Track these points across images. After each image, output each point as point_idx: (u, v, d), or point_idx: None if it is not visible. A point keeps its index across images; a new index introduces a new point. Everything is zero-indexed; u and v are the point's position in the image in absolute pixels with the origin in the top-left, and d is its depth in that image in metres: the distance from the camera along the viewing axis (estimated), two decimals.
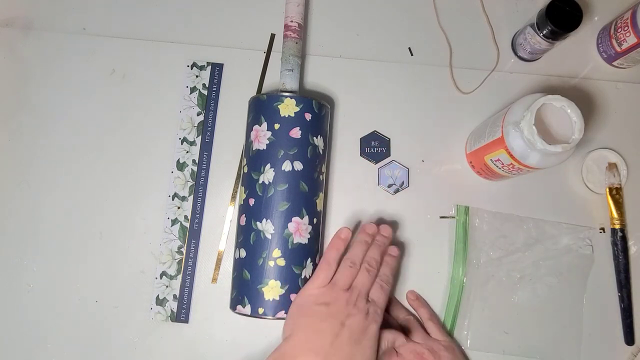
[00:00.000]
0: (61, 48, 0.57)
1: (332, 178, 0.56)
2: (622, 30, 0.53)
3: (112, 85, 0.57)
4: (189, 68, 0.57)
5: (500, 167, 0.49)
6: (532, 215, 0.55)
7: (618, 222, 0.54)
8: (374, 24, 0.59)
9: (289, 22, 0.53)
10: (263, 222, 0.46)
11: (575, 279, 0.54)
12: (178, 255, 0.54)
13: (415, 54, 0.59)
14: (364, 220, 0.55)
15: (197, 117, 0.56)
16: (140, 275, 0.53)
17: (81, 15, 0.58)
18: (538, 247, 0.54)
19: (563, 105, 0.43)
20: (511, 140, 0.45)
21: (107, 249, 0.54)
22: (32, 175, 0.55)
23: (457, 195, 0.55)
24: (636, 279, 0.54)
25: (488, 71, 0.58)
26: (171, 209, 0.54)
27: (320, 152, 0.49)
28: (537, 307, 0.53)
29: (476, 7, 0.59)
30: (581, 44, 0.59)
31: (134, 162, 0.55)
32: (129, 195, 0.55)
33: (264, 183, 0.47)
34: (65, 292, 0.52)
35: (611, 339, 0.53)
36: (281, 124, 0.47)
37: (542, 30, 0.52)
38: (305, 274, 0.47)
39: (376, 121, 0.57)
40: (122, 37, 0.58)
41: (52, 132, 0.56)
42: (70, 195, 0.55)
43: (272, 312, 0.45)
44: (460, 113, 0.57)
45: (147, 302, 0.53)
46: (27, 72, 0.57)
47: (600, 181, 0.55)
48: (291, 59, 0.52)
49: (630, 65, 0.57)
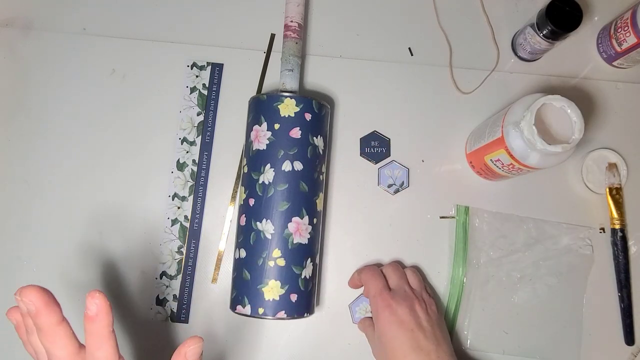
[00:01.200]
0: (61, 48, 0.57)
1: (332, 178, 0.56)
2: (622, 30, 0.53)
3: (112, 85, 0.57)
4: (189, 68, 0.57)
5: (500, 167, 0.49)
6: (532, 215, 0.55)
7: (618, 222, 0.54)
8: (374, 24, 0.59)
9: (289, 22, 0.53)
10: (263, 222, 0.46)
11: (575, 279, 0.54)
12: (178, 255, 0.54)
13: (415, 54, 0.59)
14: (365, 220, 0.55)
15: (197, 117, 0.56)
16: (140, 275, 0.53)
17: (81, 15, 0.58)
18: (538, 247, 0.54)
19: (563, 105, 0.43)
20: (511, 140, 0.45)
21: (107, 249, 0.54)
22: (32, 175, 0.55)
23: (457, 195, 0.55)
24: (636, 279, 0.54)
25: (488, 71, 0.58)
26: (171, 209, 0.54)
27: (320, 152, 0.49)
28: (537, 307, 0.53)
29: (476, 7, 0.59)
30: (581, 44, 0.59)
31: (134, 162, 0.55)
32: (129, 195, 0.55)
33: (264, 183, 0.47)
34: (65, 292, 0.52)
35: (611, 339, 0.53)
36: (281, 124, 0.47)
37: (542, 30, 0.52)
38: (305, 274, 0.47)
39: (376, 121, 0.57)
40: (122, 37, 0.58)
41: (52, 132, 0.56)
42: (70, 195, 0.55)
43: (272, 312, 0.45)
44: (460, 113, 0.57)
45: (147, 302, 0.53)
46: (27, 72, 0.57)
47: (600, 181, 0.55)
48: (291, 59, 0.52)
49: (630, 65, 0.57)
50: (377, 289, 0.48)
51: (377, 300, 0.47)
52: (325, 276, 0.54)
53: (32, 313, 0.32)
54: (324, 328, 0.53)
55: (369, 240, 0.54)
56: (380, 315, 0.46)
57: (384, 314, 0.46)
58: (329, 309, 0.53)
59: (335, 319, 0.53)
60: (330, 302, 0.54)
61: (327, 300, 0.54)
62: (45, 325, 0.32)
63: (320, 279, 0.53)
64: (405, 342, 0.45)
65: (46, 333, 0.32)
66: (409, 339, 0.45)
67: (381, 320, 0.46)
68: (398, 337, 0.45)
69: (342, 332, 0.53)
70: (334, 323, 0.53)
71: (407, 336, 0.45)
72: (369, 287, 0.49)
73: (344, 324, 0.53)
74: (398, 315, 0.46)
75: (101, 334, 0.32)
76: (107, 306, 0.32)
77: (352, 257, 0.54)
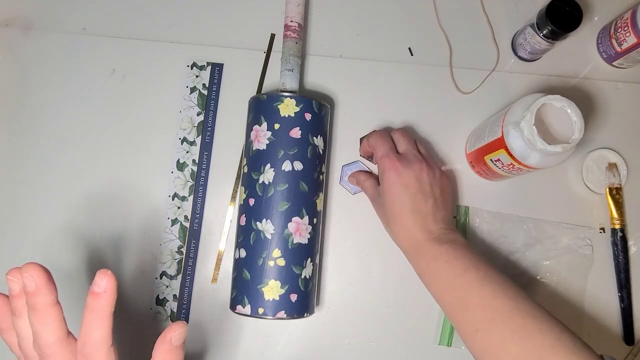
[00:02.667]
0: (61, 48, 0.57)
1: (332, 178, 0.56)
2: (622, 30, 0.53)
3: (112, 85, 0.57)
4: (189, 68, 0.57)
5: (500, 167, 0.49)
6: (532, 215, 0.55)
7: (618, 222, 0.54)
8: (374, 24, 0.59)
9: (289, 22, 0.53)
10: (263, 222, 0.46)
11: (575, 279, 0.54)
12: (178, 255, 0.54)
13: (415, 54, 0.59)
14: (365, 220, 0.55)
15: (197, 117, 0.56)
16: (140, 275, 0.53)
17: (81, 15, 0.58)
18: (538, 247, 0.54)
19: (563, 105, 0.43)
20: (511, 140, 0.45)
21: (107, 249, 0.54)
22: (32, 175, 0.55)
23: (457, 195, 0.55)
24: (636, 279, 0.54)
25: (488, 71, 0.58)
26: (171, 209, 0.54)
27: (320, 152, 0.49)
28: None
29: (476, 7, 0.59)
30: (581, 44, 0.59)
31: (133, 161, 0.55)
32: (129, 194, 0.55)
33: (264, 183, 0.47)
34: (65, 292, 0.52)
35: (611, 339, 0.53)
36: (281, 124, 0.47)
37: (542, 30, 0.52)
38: (305, 274, 0.47)
39: (376, 121, 0.57)
40: (122, 37, 0.58)
41: (52, 132, 0.56)
42: (70, 195, 0.55)
43: (272, 312, 0.45)
44: (460, 113, 0.57)
45: (147, 302, 0.53)
46: (27, 72, 0.57)
47: (600, 181, 0.55)
48: (291, 59, 0.52)
49: (630, 65, 0.57)
50: (384, 150, 0.49)
51: (385, 160, 0.48)
52: (325, 276, 0.54)
53: (30, 290, 0.31)
54: (324, 328, 0.53)
55: (369, 240, 0.54)
56: (385, 175, 0.48)
57: (390, 174, 0.47)
58: (329, 309, 0.53)
59: (335, 319, 0.53)
60: (330, 302, 0.54)
61: (327, 300, 0.54)
62: (40, 304, 0.32)
63: (320, 279, 0.53)
64: (406, 203, 0.47)
65: (39, 313, 0.32)
66: (410, 201, 0.47)
67: (386, 181, 0.48)
68: (399, 199, 0.47)
69: (342, 332, 0.53)
70: (334, 323, 0.53)
71: (410, 199, 0.47)
72: (376, 148, 0.50)
73: (344, 324, 0.53)
74: (403, 177, 0.47)
75: (103, 313, 0.32)
76: (115, 286, 0.32)
77: (352, 257, 0.54)
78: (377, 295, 0.54)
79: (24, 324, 0.34)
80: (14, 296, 0.34)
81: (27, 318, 0.33)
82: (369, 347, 0.52)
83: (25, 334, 0.34)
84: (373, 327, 0.53)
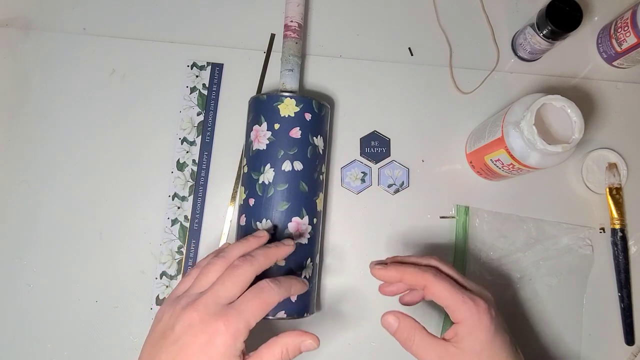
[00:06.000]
0: (61, 48, 0.57)
1: (332, 178, 0.56)
2: (622, 30, 0.53)
3: (112, 85, 0.57)
4: (189, 68, 0.57)
5: (500, 167, 0.49)
6: (532, 215, 0.55)
7: (618, 222, 0.54)
8: (374, 24, 0.59)
9: (289, 22, 0.53)
10: (263, 222, 0.46)
11: (575, 279, 0.54)
12: (178, 255, 0.54)
13: (415, 54, 0.59)
14: (365, 220, 0.55)
15: (197, 117, 0.56)
16: (140, 275, 0.53)
17: (81, 15, 0.58)
18: (538, 247, 0.54)
19: (563, 105, 0.43)
20: (511, 140, 0.45)
21: (107, 249, 0.54)
22: (32, 175, 0.55)
23: (457, 195, 0.55)
24: (636, 279, 0.54)
25: (488, 71, 0.58)
26: (171, 209, 0.54)
27: (320, 152, 0.49)
28: (537, 307, 0.53)
29: (476, 7, 0.59)
30: (581, 44, 0.59)
31: (134, 162, 0.55)
32: (129, 195, 0.55)
33: (264, 183, 0.47)
34: (65, 292, 0.52)
35: (611, 339, 0.53)
36: (281, 124, 0.47)
37: (542, 30, 0.52)
38: (306, 274, 0.47)
39: (376, 121, 0.57)
40: (122, 37, 0.58)
41: (52, 132, 0.56)
42: (70, 195, 0.55)
43: (272, 312, 0.45)
44: (460, 113, 0.57)
45: (147, 302, 0.53)
46: (27, 72, 0.57)
47: (600, 181, 0.55)
48: (291, 59, 0.52)
49: (630, 65, 0.57)
50: (452, 289, 0.38)
51: (469, 303, 0.38)
52: (325, 276, 0.54)
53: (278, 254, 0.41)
54: (324, 328, 0.53)
55: (369, 240, 0.54)
56: (479, 321, 0.37)
57: (484, 320, 0.37)
58: (329, 309, 0.53)
59: (335, 319, 0.53)
60: (330, 302, 0.53)
61: (327, 300, 0.54)
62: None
63: (320, 279, 0.53)
64: (508, 347, 0.38)
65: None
66: (510, 344, 0.39)
67: (482, 329, 0.37)
68: (504, 345, 0.38)
69: (342, 332, 0.53)
70: (334, 323, 0.53)
71: (509, 341, 0.39)
72: (436, 288, 0.39)
73: (344, 324, 0.53)
74: (498, 320, 0.38)
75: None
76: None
77: (352, 257, 0.54)
78: (377, 295, 0.54)
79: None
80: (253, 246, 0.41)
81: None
82: (369, 347, 0.52)
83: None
84: (373, 327, 0.53)
